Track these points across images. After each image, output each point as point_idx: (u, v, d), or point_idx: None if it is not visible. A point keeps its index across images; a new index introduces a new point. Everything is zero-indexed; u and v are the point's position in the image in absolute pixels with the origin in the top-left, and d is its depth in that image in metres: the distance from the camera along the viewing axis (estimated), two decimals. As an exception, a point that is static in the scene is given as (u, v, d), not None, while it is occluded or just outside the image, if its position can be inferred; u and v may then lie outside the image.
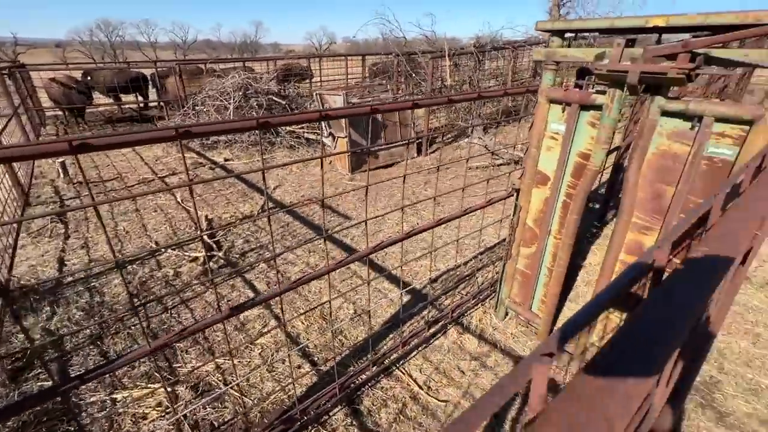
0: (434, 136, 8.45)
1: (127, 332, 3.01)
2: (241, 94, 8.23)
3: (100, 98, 11.61)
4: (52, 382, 1.14)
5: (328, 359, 2.74)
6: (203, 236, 4.29)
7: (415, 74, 9.50)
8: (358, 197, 5.72)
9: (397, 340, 2.82)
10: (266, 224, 4.89)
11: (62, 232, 4.60)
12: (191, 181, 1.19)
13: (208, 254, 4.03)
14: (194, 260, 4.00)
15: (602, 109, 2.13)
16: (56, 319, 3.12)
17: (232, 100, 8.07)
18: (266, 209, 5.37)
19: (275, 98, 8.61)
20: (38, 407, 2.29)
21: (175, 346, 2.87)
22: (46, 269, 3.86)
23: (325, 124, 6.94)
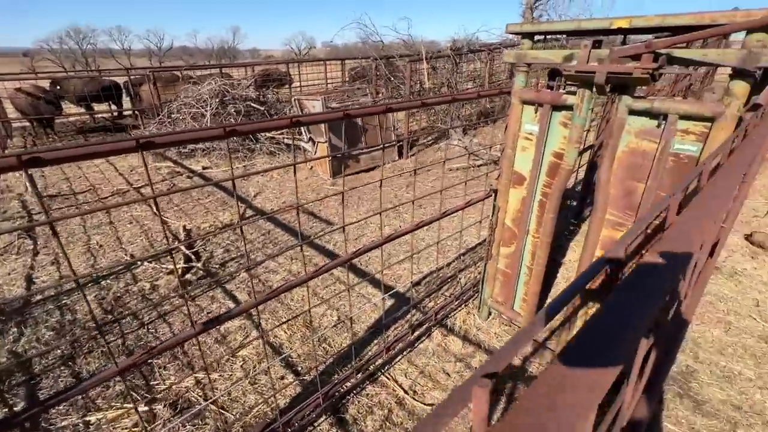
0: (415, 138, 8.50)
1: (101, 350, 2.90)
2: (218, 100, 8.09)
3: (71, 108, 11.23)
4: (8, 409, 1.07)
5: (311, 368, 2.70)
6: (181, 247, 4.18)
7: (393, 78, 9.54)
8: (339, 202, 5.69)
9: (381, 345, 2.80)
10: (246, 233, 4.80)
11: (31, 248, 4.41)
12: (155, 194, 1.15)
13: (186, 265, 3.93)
14: (171, 272, 3.89)
15: (573, 109, 2.18)
16: (24, 340, 2.98)
17: (208, 107, 7.93)
18: (244, 218, 5.28)
19: (253, 104, 8.50)
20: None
21: (152, 362, 2.78)
22: (12, 288, 3.69)
23: (304, 129, 6.89)
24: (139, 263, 4.03)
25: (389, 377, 2.65)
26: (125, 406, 2.43)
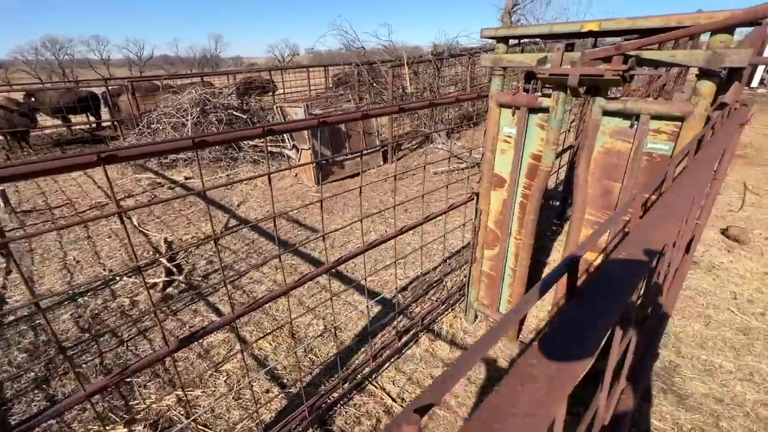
0: (400, 143, 8.52)
1: (77, 371, 2.78)
2: (199, 109, 7.98)
3: (46, 120, 10.93)
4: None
5: (297, 380, 2.65)
6: (162, 260, 4.08)
7: (376, 83, 9.57)
8: (324, 209, 5.64)
9: (368, 353, 2.76)
10: (230, 243, 4.72)
11: (3, 266, 4.24)
12: (121, 209, 1.10)
13: (168, 279, 3.83)
14: (152, 287, 3.78)
15: (549, 111, 2.20)
16: (-5, 363, 2.85)
17: (189, 116, 7.81)
18: (228, 227, 5.18)
19: (236, 113, 8.41)
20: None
21: (132, 381, 2.68)
22: (-17, 309, 3.53)
23: (287, 136, 6.84)
24: (117, 278, 3.91)
25: (377, 386, 2.61)
26: (102, 429, 2.33)
